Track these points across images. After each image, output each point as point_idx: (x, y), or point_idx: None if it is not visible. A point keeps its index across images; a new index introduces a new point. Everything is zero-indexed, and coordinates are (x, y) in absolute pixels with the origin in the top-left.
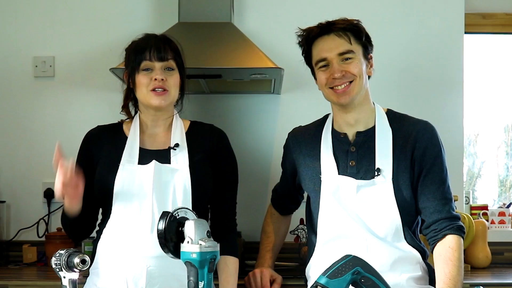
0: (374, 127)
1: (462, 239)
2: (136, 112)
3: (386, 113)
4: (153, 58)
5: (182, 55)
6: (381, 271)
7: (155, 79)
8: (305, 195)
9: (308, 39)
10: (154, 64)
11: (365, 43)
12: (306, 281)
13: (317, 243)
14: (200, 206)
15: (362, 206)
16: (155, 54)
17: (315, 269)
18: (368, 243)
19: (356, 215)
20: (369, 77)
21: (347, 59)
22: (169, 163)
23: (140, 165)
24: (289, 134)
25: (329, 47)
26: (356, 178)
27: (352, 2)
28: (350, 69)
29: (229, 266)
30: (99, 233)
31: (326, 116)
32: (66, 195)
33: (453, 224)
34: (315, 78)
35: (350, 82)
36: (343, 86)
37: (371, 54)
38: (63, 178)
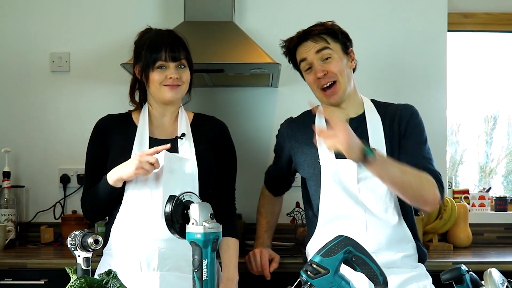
0: (363, 114)
1: (437, 189)
2: (142, 101)
3: (372, 101)
4: (168, 58)
5: (190, 51)
6: (378, 249)
7: (170, 78)
8: (298, 179)
9: (290, 48)
10: (168, 63)
11: (343, 40)
12: (305, 259)
13: (318, 223)
14: (204, 192)
15: (361, 185)
16: (169, 54)
17: (315, 249)
18: (367, 224)
19: (355, 196)
20: (354, 70)
21: (326, 58)
22: (177, 151)
23: None
24: (282, 124)
25: (307, 48)
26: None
27: (344, 3)
28: (331, 68)
29: (231, 246)
30: (112, 217)
31: (316, 107)
32: (140, 170)
33: (434, 173)
34: (305, 79)
35: (334, 81)
36: (328, 84)
37: (351, 48)
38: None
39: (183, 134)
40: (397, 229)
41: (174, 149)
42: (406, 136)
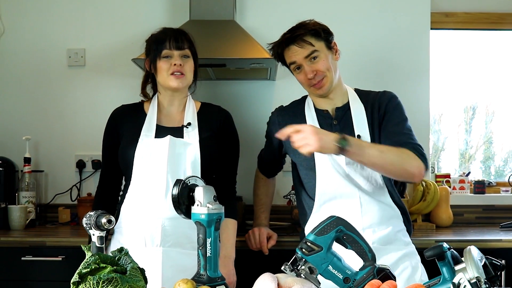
0: (348, 103)
1: (419, 161)
2: (154, 93)
3: (355, 90)
4: (172, 47)
5: (195, 44)
6: (372, 225)
7: (174, 64)
8: (289, 164)
9: (278, 53)
10: (173, 52)
11: (325, 37)
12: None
13: (315, 205)
14: (207, 176)
15: (351, 167)
16: (173, 43)
17: None
18: (361, 201)
19: (347, 175)
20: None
21: (314, 58)
22: (182, 138)
23: (156, 139)
24: (273, 112)
25: (296, 53)
26: None
27: (337, 3)
28: (319, 67)
29: (229, 227)
30: (122, 197)
31: (303, 98)
32: None
33: (415, 147)
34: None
35: (322, 78)
36: (317, 80)
37: (334, 42)
38: None
39: (189, 123)
40: (387, 206)
41: (180, 136)
42: (386, 119)
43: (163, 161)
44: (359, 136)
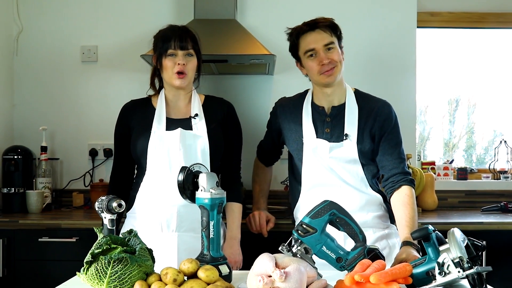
0: (345, 104)
1: (413, 190)
2: (160, 88)
3: (354, 92)
4: (176, 47)
5: (199, 42)
6: (352, 211)
7: (178, 64)
8: (285, 151)
9: (298, 34)
10: (177, 51)
11: (339, 36)
12: (294, 221)
13: (302, 190)
14: (214, 163)
15: (334, 162)
16: (178, 44)
17: (302, 211)
18: (341, 190)
19: (330, 168)
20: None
21: (329, 48)
22: (191, 129)
23: (168, 131)
24: (276, 103)
25: (315, 40)
26: (329, 142)
27: (331, 4)
28: (334, 57)
29: (235, 210)
30: (137, 185)
31: (306, 91)
32: None
33: (407, 177)
34: (302, 66)
35: (333, 67)
36: (329, 67)
37: (342, 44)
38: None
39: (196, 115)
40: (366, 194)
41: (188, 127)
42: (384, 139)
43: (176, 152)
44: (346, 135)
